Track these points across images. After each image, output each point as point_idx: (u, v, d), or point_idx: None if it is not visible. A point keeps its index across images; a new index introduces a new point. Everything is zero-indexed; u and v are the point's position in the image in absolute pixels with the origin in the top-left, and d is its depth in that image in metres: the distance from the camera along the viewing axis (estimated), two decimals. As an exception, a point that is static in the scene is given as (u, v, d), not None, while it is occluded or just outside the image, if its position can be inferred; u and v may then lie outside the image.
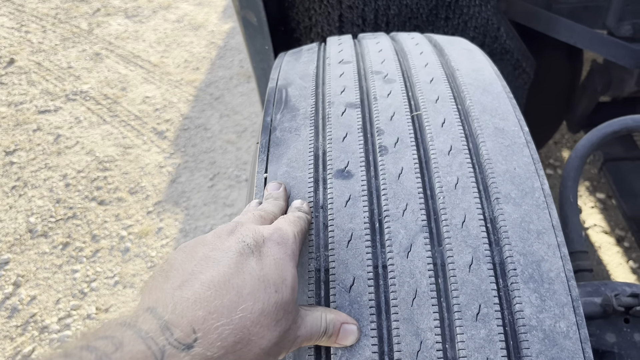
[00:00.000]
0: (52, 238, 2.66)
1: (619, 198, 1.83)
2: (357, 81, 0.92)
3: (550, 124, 2.37)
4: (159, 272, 0.54)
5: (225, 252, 0.54)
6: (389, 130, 0.81)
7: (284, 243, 0.59)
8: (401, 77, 0.93)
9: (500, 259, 0.66)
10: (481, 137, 0.79)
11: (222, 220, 2.69)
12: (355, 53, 1.04)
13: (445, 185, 0.72)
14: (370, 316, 0.63)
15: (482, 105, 0.85)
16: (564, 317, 0.61)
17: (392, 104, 0.86)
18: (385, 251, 0.67)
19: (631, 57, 1.52)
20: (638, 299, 0.84)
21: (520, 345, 0.59)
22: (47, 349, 2.19)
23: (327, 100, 0.88)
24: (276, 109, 0.90)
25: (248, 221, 0.63)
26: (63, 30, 4.44)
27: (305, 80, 0.95)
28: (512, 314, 0.62)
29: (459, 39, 1.13)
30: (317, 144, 0.81)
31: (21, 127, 3.41)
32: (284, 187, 0.75)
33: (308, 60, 1.04)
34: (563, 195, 1.09)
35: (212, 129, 3.32)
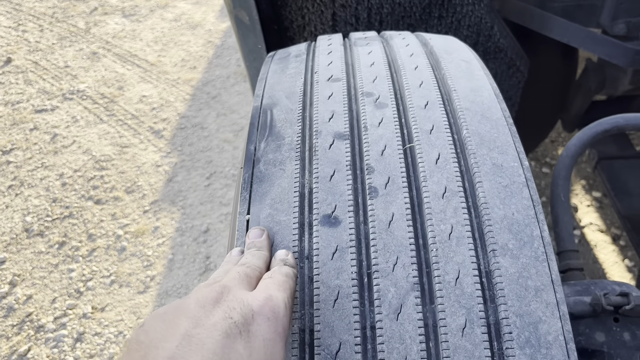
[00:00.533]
0: (49, 237, 2.66)
1: (613, 197, 1.83)
2: (346, 105, 0.86)
3: (546, 122, 2.37)
4: (134, 346, 0.48)
5: (210, 332, 0.48)
6: (380, 167, 0.75)
7: (275, 318, 0.54)
8: (394, 101, 0.87)
9: (496, 319, 0.63)
10: (478, 175, 0.74)
11: (218, 219, 2.69)
12: (346, 66, 0.99)
13: (438, 235, 0.67)
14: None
15: (479, 136, 0.79)
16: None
17: (384, 135, 0.80)
18: (374, 311, 0.63)
19: (625, 56, 1.52)
20: (627, 298, 0.84)
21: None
22: (42, 347, 2.19)
23: (315, 129, 0.82)
24: (260, 136, 0.85)
25: (234, 284, 0.58)
26: (60, 29, 4.43)
27: (291, 101, 0.90)
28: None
29: (455, 45, 1.07)
30: (303, 181, 0.76)
31: (18, 127, 3.41)
32: (266, 234, 0.70)
33: (295, 72, 0.98)
34: (554, 193, 1.09)
35: (209, 128, 3.32)
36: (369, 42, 1.07)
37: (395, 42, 1.08)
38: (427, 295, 0.64)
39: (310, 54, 1.07)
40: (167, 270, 2.47)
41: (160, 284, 2.41)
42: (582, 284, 0.93)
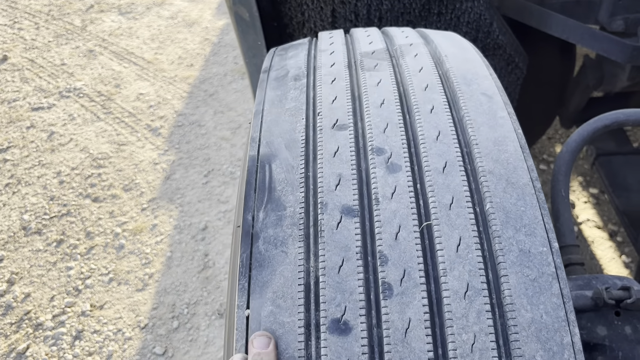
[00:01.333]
0: (46, 235, 2.65)
1: (611, 193, 1.84)
2: (354, 165, 0.76)
3: (544, 119, 2.38)
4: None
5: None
6: (394, 256, 0.66)
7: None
8: (407, 161, 0.76)
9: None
10: (503, 266, 0.65)
11: (217, 217, 2.69)
12: (352, 103, 0.87)
13: (460, 348, 0.60)
14: None
15: (505, 211, 0.70)
16: None
17: (398, 211, 0.70)
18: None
19: (623, 52, 1.52)
20: (629, 292, 0.85)
21: None
22: (41, 346, 2.19)
23: (320, 199, 0.73)
24: (259, 201, 0.75)
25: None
26: (56, 27, 4.42)
27: (292, 153, 0.80)
28: None
29: (475, 69, 0.95)
30: (308, 266, 0.68)
31: (14, 125, 3.40)
32: (273, 344, 0.64)
33: (295, 108, 0.88)
34: (555, 189, 1.10)
35: (207, 126, 3.31)
36: (377, 64, 0.96)
37: (407, 65, 0.96)
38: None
39: (310, 75, 0.97)
40: (165, 268, 2.47)
41: (159, 282, 2.41)
42: (583, 278, 0.94)
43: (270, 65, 1.03)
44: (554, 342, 0.61)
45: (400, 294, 0.64)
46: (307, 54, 1.04)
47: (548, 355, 0.60)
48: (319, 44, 1.08)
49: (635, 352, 0.85)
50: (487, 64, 0.97)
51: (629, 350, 0.86)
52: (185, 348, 2.16)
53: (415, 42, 1.04)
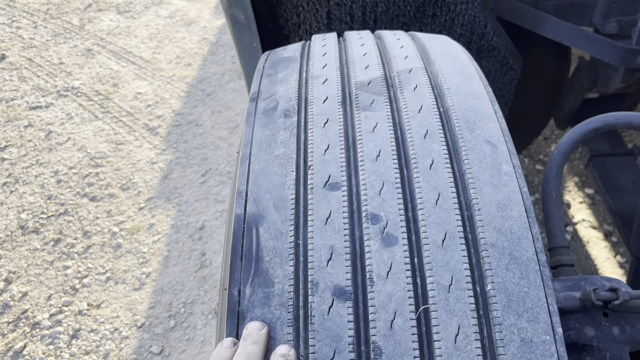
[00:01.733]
0: (44, 234, 2.66)
1: (604, 193, 1.85)
2: (347, 235, 0.71)
3: (539, 120, 2.39)
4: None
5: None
6: (389, 349, 0.62)
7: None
8: (405, 232, 0.70)
9: None
10: (504, 359, 0.62)
11: (214, 216, 2.70)
12: (347, 159, 0.80)
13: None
14: None
15: (507, 293, 0.66)
16: None
17: (393, 294, 0.65)
18: None
19: (617, 55, 1.53)
20: (616, 293, 0.86)
21: None
22: (38, 345, 2.20)
23: (310, 277, 0.67)
24: (245, 273, 0.71)
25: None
26: (54, 26, 4.42)
27: (281, 215, 0.74)
28: None
29: (479, 107, 0.88)
30: (298, 355, 0.64)
31: (12, 123, 3.41)
32: (266, 329, 0.65)
33: (285, 157, 0.81)
34: (546, 191, 1.11)
35: (204, 125, 3.32)
36: (373, 100, 0.89)
37: (405, 102, 0.89)
38: None
39: (302, 111, 0.90)
40: (162, 267, 2.48)
41: (156, 281, 2.42)
42: (572, 279, 0.95)
43: (259, 92, 0.96)
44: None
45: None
46: (298, 77, 0.97)
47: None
48: (311, 64, 1.00)
49: (623, 352, 0.87)
50: (493, 97, 0.90)
51: (616, 351, 0.87)
52: (182, 347, 2.17)
53: (415, 66, 0.97)
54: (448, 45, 1.06)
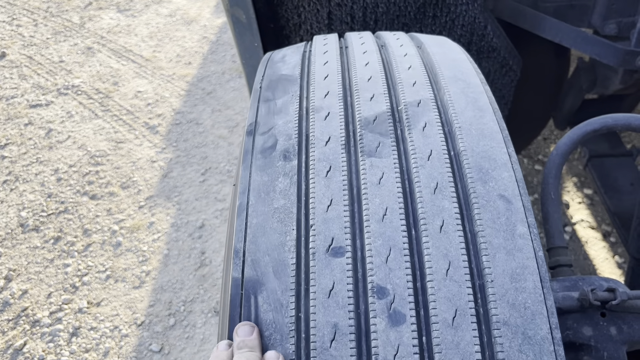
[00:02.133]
0: (44, 232, 2.67)
1: (603, 194, 1.86)
2: (352, 310, 0.66)
3: (538, 120, 2.40)
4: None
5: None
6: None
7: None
8: (414, 311, 0.65)
9: None
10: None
11: (214, 215, 2.71)
12: (351, 223, 0.73)
13: None
14: None
15: None
16: None
17: (400, 340, 0.63)
18: None
19: (616, 56, 1.54)
20: (614, 293, 0.87)
21: None
22: (38, 342, 2.21)
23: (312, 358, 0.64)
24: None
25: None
26: (55, 24, 4.42)
27: (281, 283, 0.69)
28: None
29: (491, 151, 0.81)
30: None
31: (12, 121, 3.41)
32: (257, 331, 0.66)
33: (284, 212, 0.76)
34: (545, 191, 1.11)
35: (204, 124, 3.33)
36: (379, 143, 0.81)
37: (414, 146, 0.81)
38: None
39: (302, 154, 0.82)
40: (162, 266, 2.49)
41: (156, 279, 2.43)
42: (570, 279, 0.96)
43: (256, 123, 0.90)
44: None
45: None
46: (298, 108, 0.89)
47: None
48: (312, 90, 0.92)
49: (620, 352, 0.87)
50: (507, 136, 0.82)
51: (613, 351, 0.88)
52: (181, 345, 2.18)
53: (424, 97, 0.88)
54: (459, 65, 0.97)
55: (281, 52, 1.11)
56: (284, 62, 1.04)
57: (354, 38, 1.11)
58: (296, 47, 1.13)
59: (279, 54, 1.10)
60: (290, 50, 1.10)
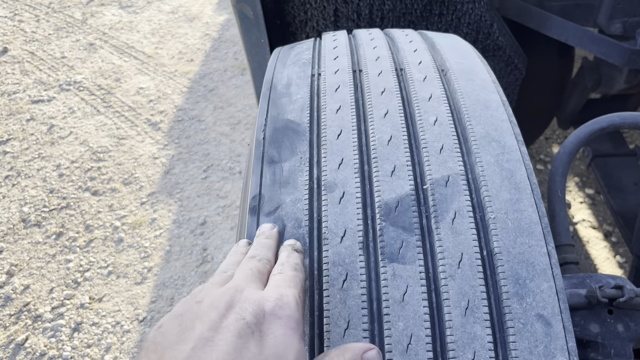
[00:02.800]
0: (46, 228, 2.67)
1: (606, 193, 1.86)
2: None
3: (541, 120, 2.41)
4: (152, 347, 0.50)
5: (224, 334, 0.50)
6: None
7: (287, 316, 0.54)
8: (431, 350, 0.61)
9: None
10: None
11: (215, 212, 2.71)
12: (370, 316, 0.65)
13: None
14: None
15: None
16: None
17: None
18: None
19: (621, 55, 1.55)
20: (622, 291, 0.87)
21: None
22: (40, 337, 2.21)
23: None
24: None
25: (245, 283, 0.58)
26: (57, 20, 4.42)
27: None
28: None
29: (523, 210, 0.73)
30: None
31: (14, 117, 3.41)
32: (277, 229, 0.70)
33: None
34: (551, 189, 1.12)
35: (206, 121, 3.33)
36: (403, 243, 0.69)
37: (443, 256, 0.69)
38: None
39: (314, 252, 0.71)
40: (164, 262, 2.49)
41: (158, 275, 2.43)
42: (577, 276, 0.96)
43: (261, 197, 0.77)
44: None
45: None
46: (307, 179, 0.76)
47: None
48: (324, 155, 0.78)
49: (627, 349, 0.88)
50: (547, 229, 0.71)
51: (620, 348, 0.88)
52: (183, 341, 2.18)
53: (454, 170, 0.75)
54: (493, 119, 0.82)
55: (285, 74, 0.96)
56: (290, 98, 0.89)
57: (370, 69, 0.94)
58: (302, 69, 0.97)
59: (284, 78, 0.95)
60: (296, 75, 0.95)
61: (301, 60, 1.00)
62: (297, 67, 0.97)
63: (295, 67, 0.98)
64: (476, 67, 0.95)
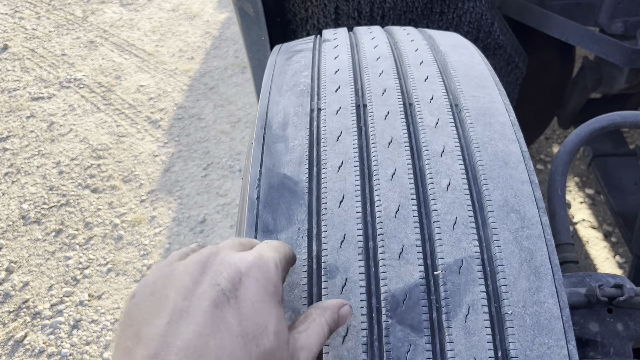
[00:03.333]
0: (45, 225, 2.67)
1: (606, 193, 1.86)
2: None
3: (542, 119, 2.40)
4: (127, 321, 0.47)
5: (199, 303, 0.47)
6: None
7: (264, 278, 0.51)
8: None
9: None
10: None
11: (215, 210, 2.71)
12: None
13: None
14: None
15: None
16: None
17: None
18: None
19: (622, 55, 1.54)
20: (621, 290, 0.87)
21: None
22: (39, 334, 2.21)
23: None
24: None
25: (222, 247, 0.55)
26: (57, 17, 4.41)
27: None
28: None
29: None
30: None
31: (14, 114, 3.41)
32: None
33: None
34: (552, 188, 1.12)
35: (206, 119, 3.32)
36: (411, 349, 0.62)
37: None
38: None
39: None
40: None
41: (157, 273, 2.43)
42: (577, 275, 0.96)
43: None
44: None
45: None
46: (306, 259, 0.68)
47: None
48: (324, 229, 0.70)
49: (626, 348, 0.88)
50: (567, 316, 0.66)
51: (620, 347, 0.88)
52: (182, 339, 2.18)
53: (469, 253, 0.67)
54: (513, 186, 0.74)
55: (281, 106, 0.86)
56: (287, 144, 0.80)
57: (376, 106, 0.83)
58: (300, 100, 0.87)
59: (280, 112, 0.85)
60: (293, 109, 0.85)
61: (299, 86, 0.89)
62: (295, 98, 0.87)
63: (292, 96, 0.87)
64: (493, 101, 0.87)
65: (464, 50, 1.00)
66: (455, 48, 1.00)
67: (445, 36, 1.09)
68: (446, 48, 1.00)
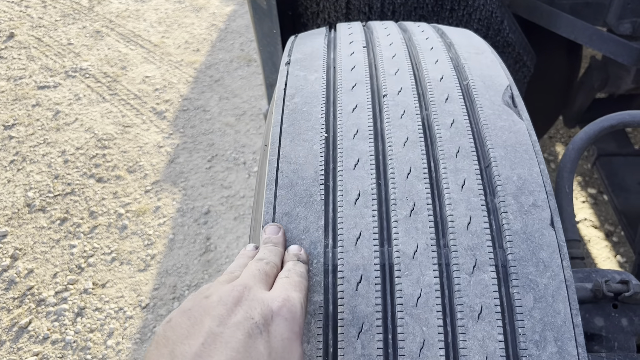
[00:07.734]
0: (50, 213, 2.68)
1: (610, 192, 1.87)
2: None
3: (548, 117, 2.41)
4: (162, 341, 0.51)
5: (233, 331, 0.51)
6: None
7: (292, 318, 0.56)
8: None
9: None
10: None
11: (219, 201, 2.72)
12: None
13: None
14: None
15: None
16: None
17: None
18: None
19: (630, 55, 1.55)
20: (627, 285, 0.88)
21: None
22: (44, 321, 2.22)
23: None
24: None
25: (253, 282, 0.59)
26: (63, 6, 4.41)
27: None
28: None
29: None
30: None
31: (20, 102, 3.41)
32: (282, 231, 0.71)
33: None
34: (559, 185, 1.13)
35: (212, 111, 3.33)
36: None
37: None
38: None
39: None
40: (167, 250, 2.50)
41: (161, 263, 2.44)
42: (583, 271, 0.98)
43: None
44: None
45: None
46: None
47: None
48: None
49: (630, 343, 0.89)
50: None
51: (624, 341, 0.89)
52: (185, 328, 2.19)
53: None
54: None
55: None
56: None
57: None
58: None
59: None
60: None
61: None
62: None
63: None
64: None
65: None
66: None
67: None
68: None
